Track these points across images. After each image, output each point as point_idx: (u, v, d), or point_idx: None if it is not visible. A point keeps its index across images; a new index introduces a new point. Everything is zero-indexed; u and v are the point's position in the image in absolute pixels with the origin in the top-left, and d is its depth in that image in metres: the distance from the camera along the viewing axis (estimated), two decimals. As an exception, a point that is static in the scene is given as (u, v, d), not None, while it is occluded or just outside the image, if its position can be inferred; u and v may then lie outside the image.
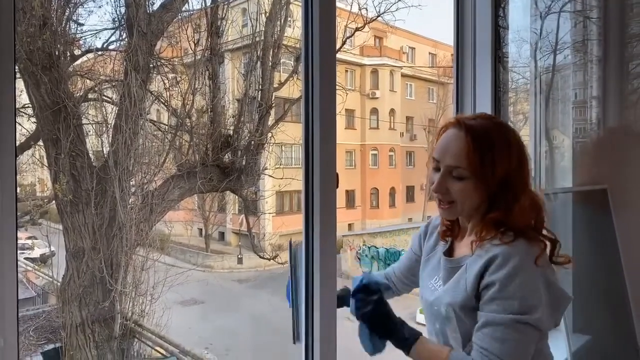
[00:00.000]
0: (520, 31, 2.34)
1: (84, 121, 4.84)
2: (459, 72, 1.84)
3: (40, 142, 4.76)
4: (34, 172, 5.99)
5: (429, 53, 19.75)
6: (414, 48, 19.19)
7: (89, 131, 5.02)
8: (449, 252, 1.17)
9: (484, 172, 1.03)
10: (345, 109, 13.89)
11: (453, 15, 1.86)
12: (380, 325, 1.10)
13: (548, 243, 1.07)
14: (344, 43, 7.23)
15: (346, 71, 15.28)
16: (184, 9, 5.37)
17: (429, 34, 19.08)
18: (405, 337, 1.07)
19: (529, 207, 1.05)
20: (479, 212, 1.10)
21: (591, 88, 2.43)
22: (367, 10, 6.89)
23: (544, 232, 1.07)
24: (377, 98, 16.99)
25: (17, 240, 0.77)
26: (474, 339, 1.00)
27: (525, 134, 2.45)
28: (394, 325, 1.08)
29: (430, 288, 1.16)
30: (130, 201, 4.94)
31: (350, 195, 15.72)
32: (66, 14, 4.64)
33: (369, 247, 11.94)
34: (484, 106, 1.78)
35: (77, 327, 4.65)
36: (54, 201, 4.92)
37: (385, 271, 1.42)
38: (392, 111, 17.63)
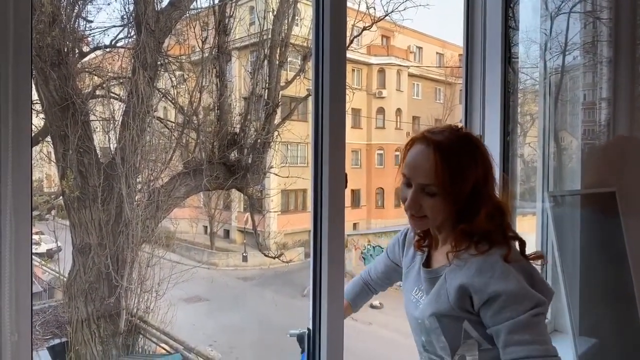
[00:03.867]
0: (529, 32, 2.33)
1: (92, 118, 4.86)
2: (468, 72, 1.83)
3: (48, 138, 4.79)
4: (42, 168, 6.01)
5: (437, 53, 19.66)
6: (422, 48, 19.11)
7: (97, 128, 5.04)
8: (427, 263, 1.21)
9: (453, 188, 1.07)
10: (352, 108, 13.88)
11: (463, 15, 1.85)
12: None
13: (516, 243, 1.12)
14: (351, 42, 7.23)
15: (353, 70, 15.26)
16: (192, 6, 5.38)
17: (437, 34, 18.99)
18: None
19: (494, 213, 1.09)
20: (448, 223, 1.14)
21: (601, 90, 2.42)
22: (374, 9, 6.89)
23: (510, 234, 1.12)
24: (384, 97, 16.95)
25: (32, 235, 0.78)
26: (506, 355, 1.01)
27: (534, 135, 2.44)
28: None
29: (412, 301, 1.21)
30: (136, 198, 4.96)
31: (355, 194, 15.70)
32: (75, 10, 4.66)
33: (373, 247, 11.92)
34: (493, 107, 1.78)
35: (83, 322, 4.68)
36: (61, 197, 4.95)
37: (362, 273, 1.49)
38: (398, 111, 17.57)
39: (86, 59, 5.11)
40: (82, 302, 4.69)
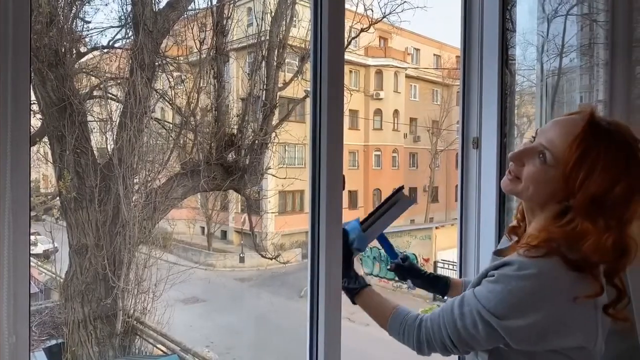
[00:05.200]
0: (526, 34, 2.34)
1: (89, 118, 4.86)
2: (465, 74, 1.84)
3: (45, 139, 4.78)
4: (38, 169, 6.01)
5: (434, 54, 19.72)
6: (419, 49, 19.17)
7: (94, 128, 5.04)
8: (501, 252, 1.07)
9: (573, 174, 0.88)
10: (349, 110, 13.90)
11: (460, 16, 1.86)
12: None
13: (612, 291, 0.92)
14: (349, 43, 7.23)
15: (350, 72, 15.29)
16: (190, 7, 5.39)
17: (434, 36, 19.09)
18: (354, 283, 1.16)
19: (612, 247, 0.87)
20: (543, 214, 0.96)
21: (597, 92, 2.43)
22: (372, 11, 6.90)
23: (616, 280, 0.93)
24: (381, 99, 16.98)
25: (30, 236, 0.78)
26: (448, 300, 0.99)
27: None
28: (346, 267, 1.19)
29: None
30: (133, 199, 4.96)
31: (353, 195, 15.72)
32: (73, 11, 4.66)
33: (370, 249, 11.92)
34: (490, 108, 1.78)
35: (80, 323, 4.67)
36: (57, 198, 4.94)
37: None
38: (395, 112, 17.61)
39: (84, 59, 5.11)
40: (78, 303, 4.67)
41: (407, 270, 1.35)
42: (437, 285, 1.36)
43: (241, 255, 10.28)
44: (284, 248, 9.19)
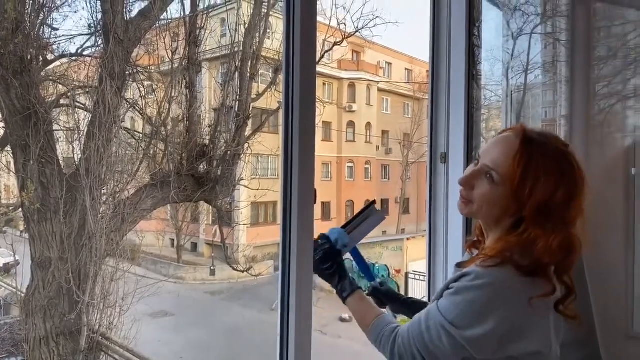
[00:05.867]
0: (493, 50, 2.42)
1: (55, 127, 4.73)
2: (434, 88, 1.89)
3: (8, 148, 4.63)
4: (0, 179, 5.80)
5: (405, 69, 20.11)
6: (391, 63, 19.51)
7: (60, 138, 4.91)
8: (462, 264, 1.12)
9: (520, 187, 0.94)
10: (323, 122, 13.99)
11: (429, 32, 1.91)
12: (329, 266, 1.21)
13: (561, 288, 0.97)
14: (322, 57, 7.30)
15: (324, 84, 15.41)
16: (162, 17, 5.34)
17: (406, 50, 19.46)
18: (349, 286, 1.18)
19: (558, 247, 0.94)
20: (499, 228, 1.02)
21: (560, 107, 2.52)
22: (345, 25, 7.00)
23: (565, 279, 0.98)
24: (354, 111, 17.17)
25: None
26: (416, 314, 1.03)
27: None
28: (341, 271, 1.21)
29: None
30: (101, 210, 4.83)
31: (326, 207, 15.74)
32: (40, 18, 4.55)
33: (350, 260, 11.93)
34: (458, 121, 1.83)
35: (41, 340, 4.49)
36: (20, 209, 4.76)
37: None
38: (368, 125, 17.82)
39: (51, 67, 4.98)
40: (40, 318, 4.50)
41: (384, 294, 1.37)
42: (416, 309, 1.32)
43: (212, 268, 10.12)
44: (256, 260, 9.11)
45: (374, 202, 1.38)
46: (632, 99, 2.23)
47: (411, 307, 1.36)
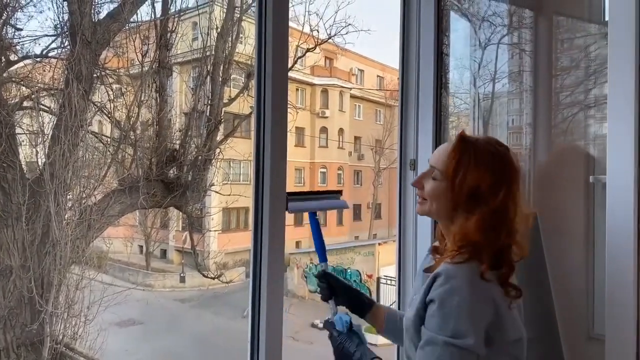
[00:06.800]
0: (462, 59, 2.48)
1: (18, 131, 4.57)
2: (403, 96, 1.91)
3: (-33, 151, 4.45)
4: (-42, 184, 5.55)
5: (377, 76, 20.36)
6: (363, 70, 19.73)
7: (23, 141, 4.74)
8: (430, 269, 1.16)
9: (454, 178, 1.06)
10: (296, 127, 13.99)
11: (399, 40, 1.94)
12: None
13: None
14: (295, 62, 7.33)
15: (297, 90, 15.44)
16: (132, 19, 5.24)
17: (378, 58, 19.74)
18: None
19: (491, 225, 1.03)
20: (454, 225, 1.09)
21: (526, 115, 2.60)
22: (318, 32, 7.05)
23: (503, 256, 1.05)
24: (327, 117, 17.26)
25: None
26: (416, 355, 1.01)
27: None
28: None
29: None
30: (66, 216, 4.69)
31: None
32: (3, 17, 4.40)
33: (315, 266, 11.92)
34: (426, 128, 1.86)
35: (1, 351, 4.31)
36: (-21, 215, 4.58)
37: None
38: (340, 130, 17.94)
39: (13, 68, 4.82)
40: (0, 329, 4.32)
41: (334, 279, 1.31)
42: (359, 303, 1.31)
43: (182, 275, 9.95)
44: (227, 267, 9.00)
45: (340, 191, 1.40)
46: (593, 108, 2.32)
47: (355, 299, 1.32)
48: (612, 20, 1.45)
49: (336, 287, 1.28)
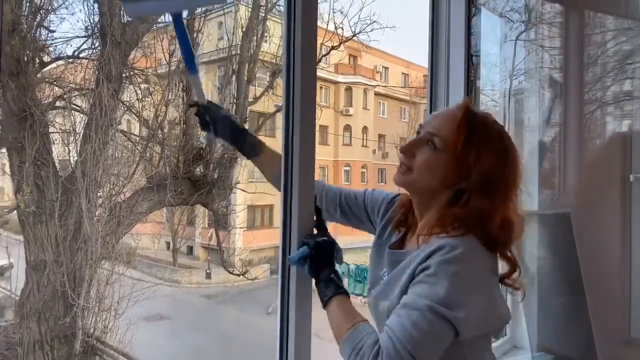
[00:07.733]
0: (492, 55, 2.43)
1: (51, 129, 4.71)
2: (432, 93, 1.89)
3: (3, 150, 4.61)
4: (-5, 181, 5.77)
5: (402, 73, 20.17)
6: (388, 68, 19.58)
7: (56, 140, 4.89)
8: (398, 245, 1.06)
9: (463, 154, 0.92)
10: (320, 125, 14.00)
11: (428, 39, 1.92)
12: (321, 262, 1.07)
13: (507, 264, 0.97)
14: (319, 60, 7.32)
15: (321, 88, 15.43)
16: (159, 20, 5.34)
17: (402, 55, 19.54)
18: (333, 287, 1.01)
19: (501, 224, 0.92)
20: (434, 203, 0.98)
21: (542, 112, 2.53)
22: (342, 29, 7.01)
23: (509, 253, 0.96)
24: (351, 115, 17.20)
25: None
26: (388, 319, 0.87)
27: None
28: (330, 270, 1.05)
29: (378, 281, 1.06)
30: (96, 213, 4.81)
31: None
32: (37, 20, 4.54)
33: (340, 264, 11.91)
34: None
35: (35, 343, 4.45)
36: (15, 211, 4.73)
37: (333, 190, 1.33)
38: (364, 128, 17.86)
39: (47, 69, 4.97)
40: (34, 322, 4.46)
41: (215, 107, 1.19)
42: (244, 143, 1.22)
43: (208, 271, 10.08)
44: (252, 264, 9.08)
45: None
46: (611, 106, 2.25)
47: (239, 135, 1.21)
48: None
49: (216, 118, 1.18)
